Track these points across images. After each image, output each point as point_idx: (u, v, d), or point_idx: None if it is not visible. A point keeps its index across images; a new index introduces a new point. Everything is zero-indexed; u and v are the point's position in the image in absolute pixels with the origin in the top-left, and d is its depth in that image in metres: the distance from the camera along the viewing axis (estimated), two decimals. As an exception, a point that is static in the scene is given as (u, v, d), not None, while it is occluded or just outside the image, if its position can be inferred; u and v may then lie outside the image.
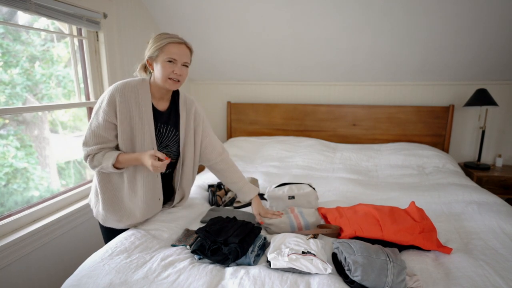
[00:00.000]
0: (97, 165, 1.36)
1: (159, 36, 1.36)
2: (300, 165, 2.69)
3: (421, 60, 2.76)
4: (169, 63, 1.34)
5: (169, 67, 1.34)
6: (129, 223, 1.48)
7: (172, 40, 1.35)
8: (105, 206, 1.43)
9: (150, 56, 1.37)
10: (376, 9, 2.37)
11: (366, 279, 1.07)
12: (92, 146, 1.36)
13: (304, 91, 3.30)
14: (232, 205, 1.87)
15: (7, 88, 1.79)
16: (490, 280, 1.13)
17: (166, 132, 1.49)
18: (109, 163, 1.33)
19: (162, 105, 1.48)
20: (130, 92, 1.36)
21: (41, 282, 1.79)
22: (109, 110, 1.33)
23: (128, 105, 1.35)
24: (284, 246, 1.25)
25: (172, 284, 1.11)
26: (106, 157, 1.35)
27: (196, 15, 2.69)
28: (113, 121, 1.34)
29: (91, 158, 1.37)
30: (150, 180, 1.46)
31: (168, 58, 1.34)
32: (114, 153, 1.36)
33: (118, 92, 1.34)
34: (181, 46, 1.37)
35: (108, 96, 1.34)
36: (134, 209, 1.46)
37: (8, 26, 1.77)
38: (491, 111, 2.87)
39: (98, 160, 1.35)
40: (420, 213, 1.46)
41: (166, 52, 1.34)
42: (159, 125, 1.46)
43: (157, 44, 1.34)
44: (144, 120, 1.39)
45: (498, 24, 2.33)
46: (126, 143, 1.39)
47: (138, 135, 1.39)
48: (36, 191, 1.97)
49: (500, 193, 2.59)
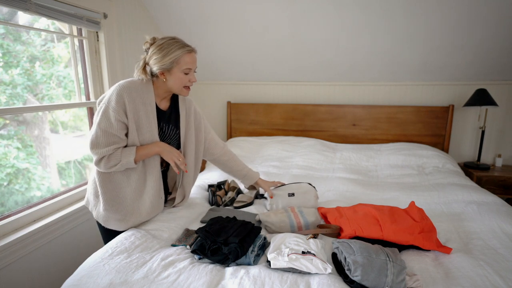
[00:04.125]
0: (115, 163, 1.35)
1: (168, 45, 1.34)
2: (300, 165, 2.69)
3: (421, 60, 2.76)
4: (186, 74, 1.37)
5: (186, 78, 1.38)
6: (133, 221, 1.47)
7: (185, 50, 1.35)
8: (107, 206, 1.42)
9: (163, 68, 1.35)
10: (376, 9, 2.37)
11: (366, 279, 1.08)
12: (105, 147, 1.33)
13: (304, 91, 3.30)
14: (232, 205, 1.87)
15: (8, 88, 1.79)
16: (490, 280, 1.14)
17: (168, 131, 1.51)
18: (131, 159, 1.35)
19: (164, 105, 1.50)
20: (136, 91, 1.37)
21: (41, 282, 1.79)
22: (119, 109, 1.33)
23: (135, 104, 1.36)
24: (284, 246, 1.25)
25: (172, 284, 1.11)
26: (124, 154, 1.36)
27: (196, 15, 2.69)
28: (124, 120, 1.35)
29: (107, 159, 1.35)
30: (157, 179, 1.49)
31: (186, 70, 1.36)
32: (132, 148, 1.37)
33: (126, 91, 1.34)
34: (192, 54, 1.39)
35: (115, 95, 1.33)
36: (139, 207, 1.46)
37: (8, 26, 1.77)
38: (491, 111, 2.87)
39: (117, 158, 1.35)
40: (420, 213, 1.46)
41: (182, 63, 1.35)
42: (161, 124, 1.48)
43: (171, 56, 1.33)
44: (150, 118, 1.41)
45: (498, 24, 2.33)
46: (134, 142, 1.40)
47: (146, 133, 1.41)
48: (38, 191, 1.97)
49: (500, 193, 2.59)
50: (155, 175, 1.48)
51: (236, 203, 1.86)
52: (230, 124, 3.47)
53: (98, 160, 1.35)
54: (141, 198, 1.46)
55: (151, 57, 1.37)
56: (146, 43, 1.40)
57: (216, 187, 2.02)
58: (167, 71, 1.37)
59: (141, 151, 1.39)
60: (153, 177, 1.47)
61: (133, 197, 1.45)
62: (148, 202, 1.47)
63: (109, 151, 1.34)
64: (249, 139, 3.19)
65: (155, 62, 1.35)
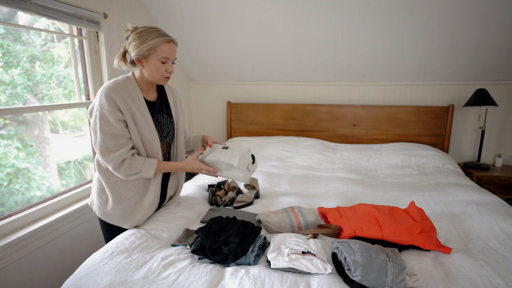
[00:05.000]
0: (136, 172, 1.38)
1: (147, 34, 1.35)
2: (300, 165, 2.69)
3: (420, 60, 2.76)
4: (163, 63, 1.38)
5: (163, 67, 1.38)
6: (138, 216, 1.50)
7: (164, 39, 1.36)
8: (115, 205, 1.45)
9: (140, 55, 1.36)
10: (376, 9, 2.37)
11: (366, 279, 1.08)
12: (117, 150, 1.33)
13: (304, 91, 3.30)
14: (232, 205, 1.87)
15: (8, 88, 1.79)
16: (490, 280, 1.14)
17: (164, 120, 1.53)
18: (151, 172, 1.41)
19: (152, 96, 1.52)
20: (122, 89, 1.38)
21: (41, 282, 1.79)
22: (114, 110, 1.32)
23: (125, 101, 1.37)
24: (284, 246, 1.25)
25: (172, 284, 1.11)
26: (146, 165, 1.39)
27: (196, 15, 2.69)
28: (122, 118, 1.35)
29: (128, 164, 1.36)
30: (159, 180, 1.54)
31: (162, 59, 1.36)
32: (154, 162, 1.42)
33: (112, 91, 1.34)
34: (171, 44, 1.39)
35: (105, 98, 1.32)
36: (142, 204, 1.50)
37: (8, 27, 1.77)
38: (491, 111, 2.87)
39: (138, 168, 1.38)
40: (420, 213, 1.46)
41: (160, 52, 1.35)
42: (156, 115, 1.49)
43: (149, 43, 1.34)
44: (144, 112, 1.42)
45: (497, 24, 2.33)
46: (136, 139, 1.41)
47: (144, 128, 1.42)
48: (38, 191, 1.97)
49: (499, 193, 2.59)
50: (158, 176, 1.52)
51: (236, 203, 1.86)
52: (230, 124, 3.47)
53: (117, 165, 1.34)
54: (145, 195, 1.51)
55: (130, 44, 1.38)
56: (127, 31, 1.40)
57: (216, 187, 2.02)
58: (144, 58, 1.37)
59: (162, 165, 1.45)
60: (157, 177, 1.52)
61: (138, 195, 1.49)
62: (149, 200, 1.52)
63: (124, 155, 1.34)
64: (249, 139, 3.19)
65: (133, 48, 1.36)
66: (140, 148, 1.43)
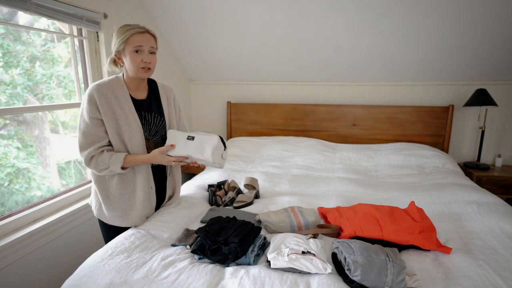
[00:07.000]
0: (104, 168, 1.39)
1: (121, 29, 1.39)
2: (300, 165, 2.69)
3: (421, 60, 2.76)
4: (137, 53, 1.38)
5: (138, 57, 1.39)
6: (133, 215, 1.49)
7: (135, 30, 1.38)
8: (106, 205, 1.47)
9: (117, 50, 1.40)
10: (376, 9, 2.37)
11: (366, 279, 1.08)
12: (88, 148, 1.38)
13: (304, 91, 3.30)
14: (232, 205, 1.88)
15: (8, 88, 1.79)
16: (490, 280, 1.14)
17: (153, 119, 1.52)
18: (118, 167, 1.38)
19: (140, 95, 1.52)
20: (106, 88, 1.41)
21: (41, 282, 1.79)
22: (91, 108, 1.37)
23: (107, 99, 1.39)
24: (284, 246, 1.25)
25: (172, 284, 1.11)
26: (112, 160, 1.38)
27: (196, 15, 2.69)
28: (97, 116, 1.38)
29: (96, 161, 1.38)
30: (145, 171, 1.50)
31: (135, 48, 1.37)
32: (120, 156, 1.39)
33: (94, 90, 1.39)
34: (144, 34, 1.40)
35: (87, 96, 1.38)
36: (134, 201, 1.49)
37: (8, 27, 1.77)
38: (491, 111, 2.87)
39: (105, 163, 1.38)
40: (420, 213, 1.46)
41: (131, 42, 1.37)
42: (143, 113, 1.49)
43: (121, 37, 1.37)
44: (126, 110, 1.43)
45: (497, 24, 2.33)
46: (114, 137, 1.42)
47: (124, 125, 1.42)
48: (38, 191, 1.97)
49: (499, 193, 2.59)
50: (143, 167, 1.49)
51: (236, 203, 1.86)
52: (230, 124, 3.47)
53: (87, 162, 1.40)
54: (134, 192, 1.49)
55: (111, 45, 1.43)
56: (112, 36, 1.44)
57: (216, 187, 2.02)
58: (122, 54, 1.40)
59: (130, 158, 1.41)
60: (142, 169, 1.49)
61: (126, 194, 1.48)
62: (140, 198, 1.50)
63: (92, 152, 1.38)
64: (249, 139, 3.19)
65: (112, 47, 1.42)
66: (119, 146, 1.43)
